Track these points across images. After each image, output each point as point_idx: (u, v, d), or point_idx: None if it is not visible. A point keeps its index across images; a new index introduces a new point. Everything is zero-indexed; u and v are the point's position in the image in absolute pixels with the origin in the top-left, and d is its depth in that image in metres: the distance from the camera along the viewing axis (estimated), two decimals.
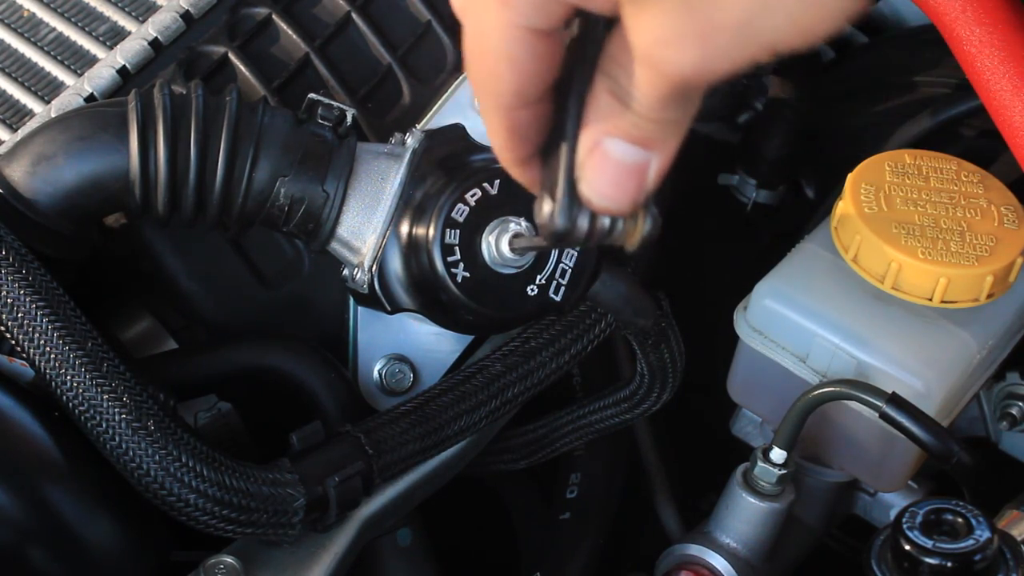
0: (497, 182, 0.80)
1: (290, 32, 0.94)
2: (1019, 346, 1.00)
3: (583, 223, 0.56)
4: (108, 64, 0.90)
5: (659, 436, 1.19)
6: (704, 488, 1.16)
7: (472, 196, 0.80)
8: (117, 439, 0.75)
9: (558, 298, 0.82)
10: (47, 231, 0.81)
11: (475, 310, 0.81)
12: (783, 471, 0.94)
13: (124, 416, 0.75)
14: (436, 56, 0.98)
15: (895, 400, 0.88)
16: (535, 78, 0.55)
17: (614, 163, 0.57)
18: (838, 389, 0.90)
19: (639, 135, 0.56)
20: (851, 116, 1.19)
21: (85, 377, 0.75)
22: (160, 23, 0.92)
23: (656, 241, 0.64)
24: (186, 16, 0.93)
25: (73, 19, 0.94)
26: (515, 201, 0.81)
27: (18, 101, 0.91)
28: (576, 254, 0.83)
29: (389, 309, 0.84)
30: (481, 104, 0.56)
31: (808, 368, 0.96)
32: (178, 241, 0.89)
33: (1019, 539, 0.86)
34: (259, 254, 0.91)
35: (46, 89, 0.91)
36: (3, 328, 0.76)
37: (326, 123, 0.83)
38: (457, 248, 0.80)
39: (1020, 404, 1.06)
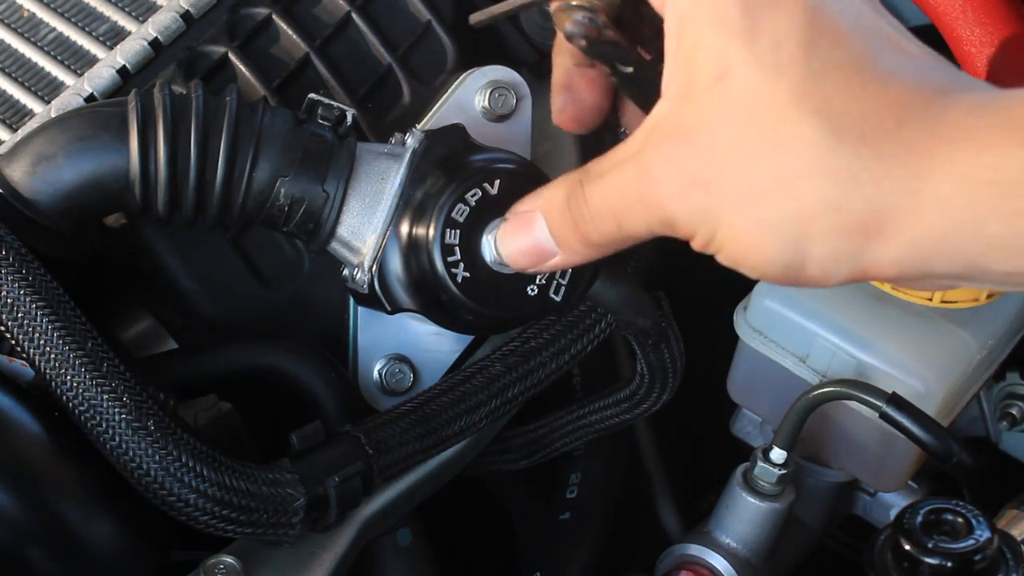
0: (497, 182, 0.80)
1: (290, 32, 0.94)
2: (1019, 346, 1.00)
3: None
4: (108, 64, 0.90)
5: (659, 436, 1.19)
6: (704, 488, 1.16)
7: (472, 196, 0.80)
8: (117, 439, 0.75)
9: (558, 298, 0.82)
10: (47, 231, 0.81)
11: (475, 310, 0.81)
12: (783, 471, 0.95)
13: (124, 416, 0.75)
14: (436, 56, 0.98)
15: (895, 400, 0.88)
16: None
17: (531, 236, 0.73)
18: (838, 389, 0.90)
19: (567, 238, 0.71)
20: None
21: (85, 377, 0.75)
22: (160, 23, 0.92)
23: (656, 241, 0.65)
24: (186, 16, 0.92)
25: (73, 19, 0.94)
26: (515, 201, 0.81)
27: (18, 101, 0.91)
28: None
29: (389, 309, 0.84)
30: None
31: (808, 368, 0.96)
32: (178, 241, 0.89)
33: (1019, 539, 0.87)
34: (259, 254, 0.91)
35: (46, 89, 0.91)
36: (3, 328, 0.76)
37: (326, 123, 0.83)
38: (457, 248, 0.80)
39: (1020, 404, 1.06)
